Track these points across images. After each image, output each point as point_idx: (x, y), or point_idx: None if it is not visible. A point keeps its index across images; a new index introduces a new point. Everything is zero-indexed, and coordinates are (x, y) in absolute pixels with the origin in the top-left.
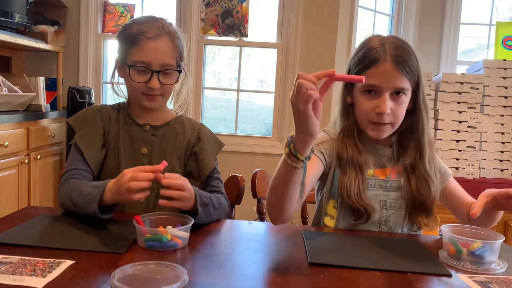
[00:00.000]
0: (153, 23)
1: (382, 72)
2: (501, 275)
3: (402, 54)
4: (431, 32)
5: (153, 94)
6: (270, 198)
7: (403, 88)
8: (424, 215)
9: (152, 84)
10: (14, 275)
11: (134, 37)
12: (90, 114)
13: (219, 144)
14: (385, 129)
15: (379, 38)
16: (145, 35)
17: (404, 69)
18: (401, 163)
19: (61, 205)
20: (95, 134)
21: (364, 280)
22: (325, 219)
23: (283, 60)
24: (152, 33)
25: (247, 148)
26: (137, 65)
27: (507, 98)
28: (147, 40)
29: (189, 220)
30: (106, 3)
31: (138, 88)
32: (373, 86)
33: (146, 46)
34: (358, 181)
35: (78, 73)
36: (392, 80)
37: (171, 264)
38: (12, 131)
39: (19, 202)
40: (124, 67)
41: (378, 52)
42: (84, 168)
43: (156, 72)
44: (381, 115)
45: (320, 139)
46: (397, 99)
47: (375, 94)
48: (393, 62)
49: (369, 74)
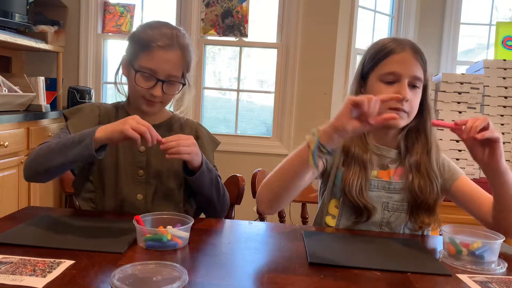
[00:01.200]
0: (167, 30)
1: (402, 59)
2: (501, 275)
3: (418, 47)
4: (431, 32)
5: (153, 101)
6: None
7: (419, 78)
8: (425, 214)
9: (155, 92)
10: (14, 275)
11: (146, 43)
12: (88, 107)
13: (216, 143)
14: (403, 116)
15: (391, 37)
16: (157, 44)
17: (422, 59)
18: (407, 161)
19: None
20: (88, 124)
21: (364, 280)
22: (326, 219)
23: (283, 60)
24: (165, 42)
25: (247, 148)
26: (144, 71)
27: (507, 98)
28: (159, 49)
29: (189, 220)
30: (106, 3)
31: (140, 92)
32: (392, 74)
33: (156, 55)
34: (361, 178)
35: (78, 73)
36: (411, 68)
37: (171, 264)
38: (12, 131)
39: (19, 202)
40: (130, 68)
41: (395, 43)
42: None
43: (161, 81)
44: (402, 100)
45: None
46: (413, 90)
47: (393, 83)
48: (412, 50)
49: (387, 62)
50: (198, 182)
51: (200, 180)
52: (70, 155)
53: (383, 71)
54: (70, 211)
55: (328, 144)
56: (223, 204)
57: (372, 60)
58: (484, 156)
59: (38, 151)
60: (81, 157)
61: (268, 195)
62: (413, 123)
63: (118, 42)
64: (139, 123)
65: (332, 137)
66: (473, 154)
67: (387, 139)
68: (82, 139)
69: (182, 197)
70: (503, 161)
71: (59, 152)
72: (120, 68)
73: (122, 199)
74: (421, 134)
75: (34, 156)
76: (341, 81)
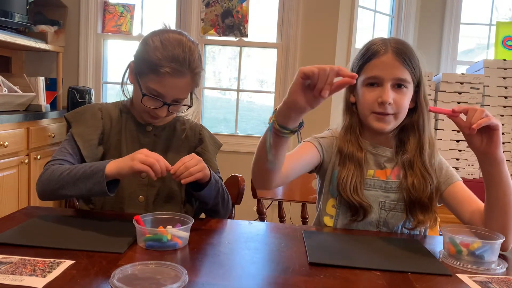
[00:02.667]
0: (179, 54)
1: (382, 62)
2: (501, 275)
3: (402, 47)
4: (431, 32)
5: (157, 117)
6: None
7: (404, 79)
8: (420, 212)
9: (161, 113)
10: (14, 275)
11: (156, 67)
12: (89, 111)
13: (218, 144)
14: (389, 120)
15: (381, 38)
16: (166, 70)
17: (405, 60)
18: (400, 159)
19: (40, 190)
20: (93, 132)
21: (364, 280)
22: (324, 219)
23: (283, 60)
24: (176, 69)
25: (247, 148)
26: (152, 93)
27: (507, 98)
28: (169, 76)
29: (189, 220)
30: (106, 3)
31: (145, 108)
32: (374, 78)
33: (166, 81)
34: (356, 176)
35: (78, 73)
36: (393, 71)
37: (171, 264)
38: (12, 131)
39: (19, 202)
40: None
41: (379, 46)
42: (73, 162)
43: (167, 105)
44: (384, 104)
45: (322, 134)
46: (399, 91)
47: (377, 86)
48: (393, 53)
49: (370, 66)
50: (206, 195)
51: (208, 193)
52: (83, 189)
53: (366, 75)
54: (69, 211)
55: (287, 122)
56: (227, 209)
57: (357, 64)
58: (482, 144)
59: (50, 176)
60: (94, 193)
61: (255, 173)
62: (407, 120)
63: (118, 42)
64: (148, 156)
65: (289, 115)
66: (471, 143)
67: (382, 138)
68: (93, 174)
69: (183, 198)
70: (501, 151)
71: (72, 184)
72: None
73: (123, 201)
74: (415, 132)
75: (47, 179)
76: None
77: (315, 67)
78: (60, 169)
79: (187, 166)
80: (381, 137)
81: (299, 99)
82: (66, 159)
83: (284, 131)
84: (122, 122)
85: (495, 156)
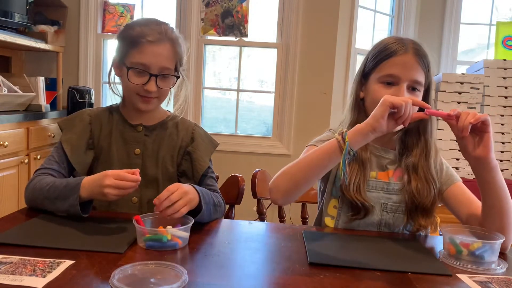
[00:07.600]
0: (155, 26)
1: (402, 61)
2: (501, 275)
3: (421, 49)
4: (431, 32)
5: (148, 97)
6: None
7: (419, 82)
8: (422, 217)
9: (149, 87)
10: (14, 275)
11: (135, 39)
12: (78, 118)
13: (214, 144)
14: None
15: (396, 36)
16: (146, 39)
17: (423, 63)
18: (404, 162)
19: (27, 200)
20: (80, 137)
21: (364, 280)
22: (325, 220)
23: (283, 60)
24: (154, 37)
25: (247, 148)
26: (136, 67)
27: (507, 98)
28: (149, 43)
29: (189, 220)
30: (106, 3)
31: (134, 89)
32: (391, 76)
33: (146, 49)
34: (359, 176)
35: (78, 73)
36: (412, 72)
37: (171, 264)
38: (12, 131)
39: (19, 202)
40: (122, 67)
41: (398, 44)
42: (59, 170)
43: (154, 76)
44: None
45: (323, 137)
46: (412, 93)
47: (392, 85)
48: (414, 54)
49: (388, 64)
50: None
51: (201, 219)
52: (61, 208)
53: (383, 72)
54: None
55: (356, 146)
56: (221, 215)
57: (374, 60)
58: (475, 149)
59: (34, 187)
60: (71, 214)
61: (288, 184)
62: (413, 124)
63: None
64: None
65: (367, 138)
66: (464, 149)
67: (385, 140)
68: (68, 196)
69: None
70: (493, 155)
71: (51, 202)
72: (112, 69)
73: (116, 202)
74: (421, 136)
75: (32, 190)
76: (341, 81)
77: (401, 99)
78: (42, 183)
79: (171, 199)
80: (384, 139)
81: (384, 124)
82: (53, 167)
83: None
84: (113, 124)
85: (488, 161)
